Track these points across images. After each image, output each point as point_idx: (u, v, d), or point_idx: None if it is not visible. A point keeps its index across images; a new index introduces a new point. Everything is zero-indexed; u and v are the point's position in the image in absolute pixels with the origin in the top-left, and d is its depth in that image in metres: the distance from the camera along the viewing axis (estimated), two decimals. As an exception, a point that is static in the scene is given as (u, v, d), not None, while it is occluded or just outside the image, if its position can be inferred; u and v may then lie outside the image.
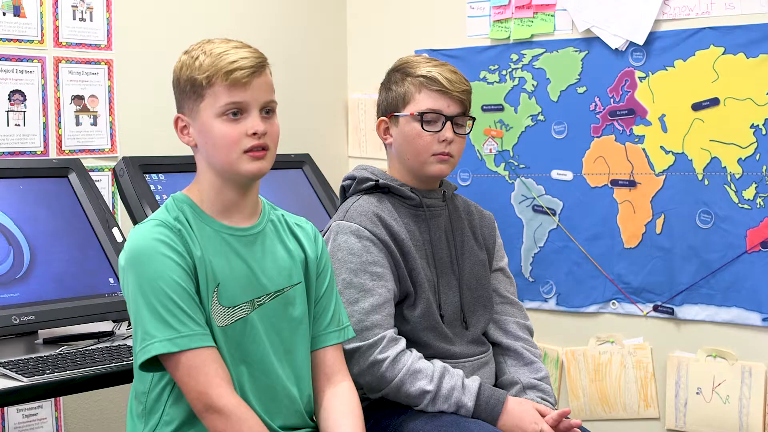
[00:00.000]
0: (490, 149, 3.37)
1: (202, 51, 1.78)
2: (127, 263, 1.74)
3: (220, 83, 1.75)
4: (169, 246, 1.73)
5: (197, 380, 1.69)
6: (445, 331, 2.18)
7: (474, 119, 2.26)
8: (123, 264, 1.75)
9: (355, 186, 2.24)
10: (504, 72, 3.32)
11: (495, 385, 2.26)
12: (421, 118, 2.17)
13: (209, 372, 1.70)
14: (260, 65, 1.79)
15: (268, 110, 1.80)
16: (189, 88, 1.78)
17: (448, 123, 2.18)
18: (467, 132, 2.24)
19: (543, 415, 2.09)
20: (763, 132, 2.87)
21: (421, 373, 2.05)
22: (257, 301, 1.82)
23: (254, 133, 1.76)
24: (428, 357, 2.11)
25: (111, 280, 2.44)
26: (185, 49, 1.83)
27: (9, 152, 2.72)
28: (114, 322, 2.42)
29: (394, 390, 2.05)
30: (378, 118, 2.27)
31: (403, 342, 2.08)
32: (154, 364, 1.72)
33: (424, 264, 2.17)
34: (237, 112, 1.76)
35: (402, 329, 2.14)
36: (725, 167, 2.93)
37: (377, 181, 2.21)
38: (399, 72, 2.24)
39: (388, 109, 2.23)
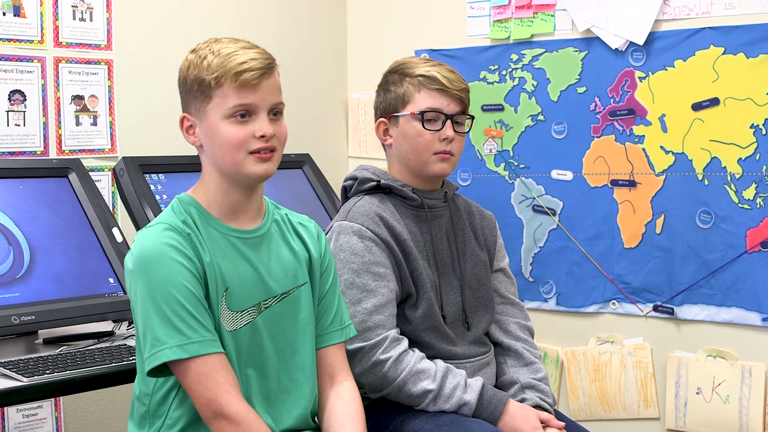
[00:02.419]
0: (490, 149, 3.37)
1: (210, 51, 1.76)
2: (135, 267, 1.72)
3: (229, 84, 1.73)
4: (179, 251, 1.71)
5: (206, 387, 1.68)
6: (446, 332, 2.18)
7: (473, 118, 2.26)
8: (131, 268, 1.73)
9: (357, 186, 2.24)
10: (504, 72, 3.32)
11: (495, 386, 2.26)
12: (422, 117, 2.17)
13: (218, 379, 1.69)
14: (269, 66, 1.77)
15: (275, 112, 1.79)
16: (196, 88, 1.76)
17: (449, 121, 2.18)
18: (467, 131, 2.24)
19: (543, 423, 2.10)
20: (763, 132, 2.87)
21: (423, 374, 2.05)
22: (264, 304, 1.81)
23: (262, 136, 1.75)
24: (430, 357, 2.11)
25: (111, 280, 2.44)
26: (192, 48, 1.81)
27: (9, 152, 2.72)
28: (114, 322, 2.42)
29: (396, 390, 2.05)
30: (376, 120, 2.27)
31: (405, 342, 2.08)
32: (162, 369, 1.71)
33: (425, 264, 2.17)
34: (245, 113, 1.75)
35: (404, 330, 2.14)
36: (725, 167, 2.93)
37: (379, 181, 2.21)
38: (396, 73, 2.24)
39: (387, 110, 2.23)
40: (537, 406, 2.17)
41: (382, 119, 2.25)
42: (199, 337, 1.69)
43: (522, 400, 2.18)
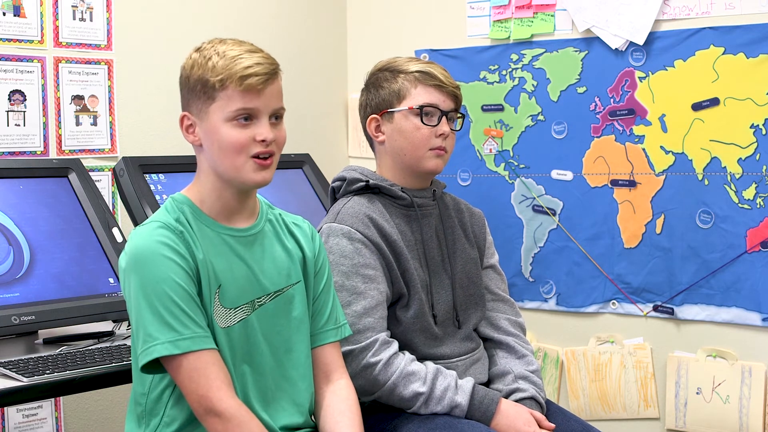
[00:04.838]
0: (490, 149, 3.37)
1: (216, 52, 1.76)
2: (128, 265, 1.73)
3: (234, 88, 1.73)
4: (172, 248, 1.72)
5: (198, 383, 1.69)
6: (435, 332, 2.17)
7: (464, 116, 2.27)
8: (124, 266, 1.75)
9: (345, 187, 2.23)
10: (504, 72, 3.32)
11: (487, 378, 2.26)
12: (421, 111, 2.17)
13: (210, 375, 1.70)
14: (274, 72, 1.78)
15: (276, 116, 1.80)
16: (199, 88, 1.76)
17: (444, 117, 2.19)
18: (458, 129, 2.25)
19: (536, 421, 2.10)
20: (763, 132, 2.87)
21: (414, 376, 2.05)
22: (258, 302, 1.82)
23: (263, 140, 1.76)
24: (418, 359, 2.11)
25: (111, 280, 2.44)
26: (196, 47, 1.81)
27: (9, 152, 2.72)
28: (114, 322, 2.43)
29: (387, 393, 2.05)
30: (365, 117, 2.26)
31: (395, 344, 2.08)
32: (156, 366, 1.72)
33: (416, 264, 2.17)
34: (248, 117, 1.76)
35: (394, 331, 2.13)
36: (725, 167, 2.93)
37: (367, 181, 2.21)
38: (387, 71, 2.24)
39: (380, 107, 2.23)
40: (532, 398, 2.17)
41: (374, 116, 2.24)
42: (190, 333, 1.70)
43: (516, 390, 2.18)
